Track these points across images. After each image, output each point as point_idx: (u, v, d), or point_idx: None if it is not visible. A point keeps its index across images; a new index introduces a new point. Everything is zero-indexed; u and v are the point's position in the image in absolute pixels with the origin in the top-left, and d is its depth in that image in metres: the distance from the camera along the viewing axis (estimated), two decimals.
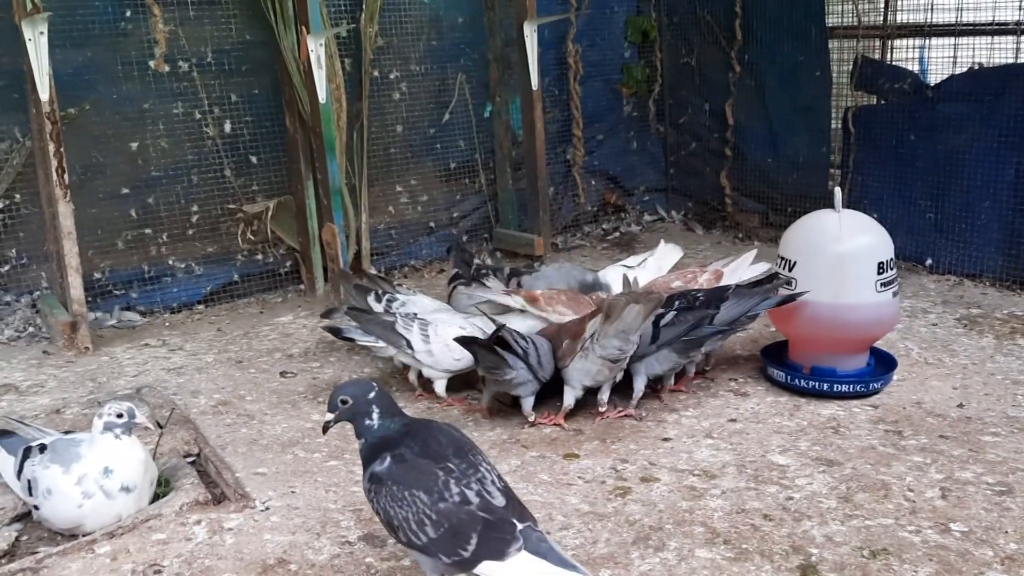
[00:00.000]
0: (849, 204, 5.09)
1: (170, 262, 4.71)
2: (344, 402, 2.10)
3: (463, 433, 2.15)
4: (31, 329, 4.33)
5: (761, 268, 3.98)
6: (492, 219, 5.69)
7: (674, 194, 6.40)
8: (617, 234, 6.10)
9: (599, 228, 6.14)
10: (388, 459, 2.02)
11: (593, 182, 6.15)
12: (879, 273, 3.23)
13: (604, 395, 3.26)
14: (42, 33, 3.76)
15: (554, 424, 3.20)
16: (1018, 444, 2.90)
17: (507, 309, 3.53)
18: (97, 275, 4.52)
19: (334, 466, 2.90)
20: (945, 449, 2.89)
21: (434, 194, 5.48)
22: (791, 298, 3.28)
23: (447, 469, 1.99)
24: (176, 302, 4.72)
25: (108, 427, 2.54)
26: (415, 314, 3.42)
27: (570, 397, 3.21)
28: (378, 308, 3.52)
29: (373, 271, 5.20)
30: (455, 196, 5.57)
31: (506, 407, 3.34)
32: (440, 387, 3.36)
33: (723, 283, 3.85)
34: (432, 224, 5.48)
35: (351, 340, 3.41)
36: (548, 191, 5.50)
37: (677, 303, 3.24)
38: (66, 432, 2.71)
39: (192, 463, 2.93)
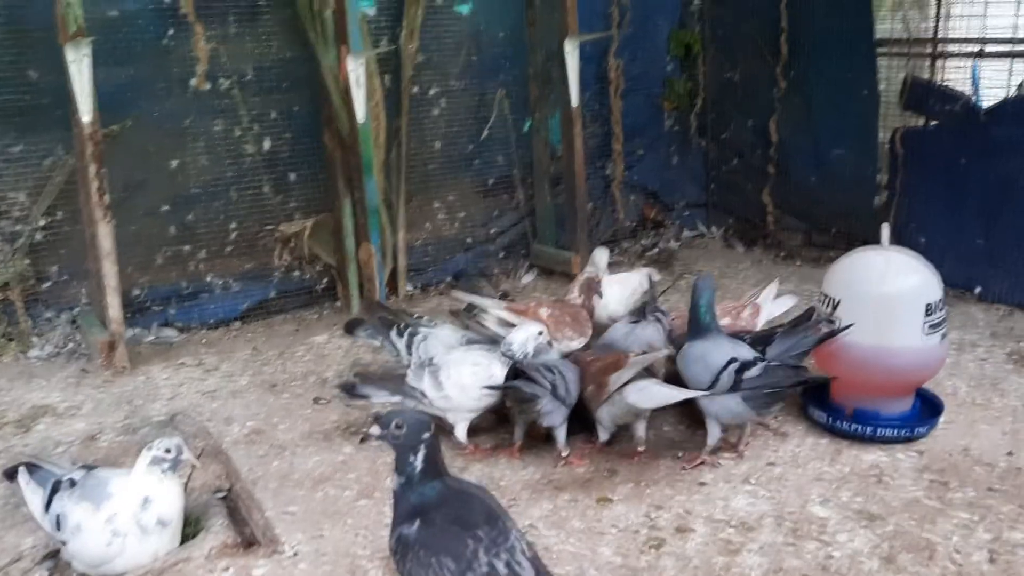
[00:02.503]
0: (896, 227, 4.97)
1: (208, 279, 4.73)
2: (399, 426, 2.04)
3: (495, 499, 2.11)
4: (71, 345, 4.38)
5: (787, 303, 3.92)
6: (530, 235, 5.64)
7: (715, 210, 6.30)
8: (656, 250, 6.02)
9: (638, 244, 6.06)
10: (417, 522, 2.00)
11: (632, 197, 6.07)
12: (927, 315, 3.12)
13: (640, 432, 3.21)
14: (85, 55, 3.79)
15: (578, 464, 3.15)
16: None
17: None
18: (136, 291, 4.56)
19: (364, 506, 2.88)
20: (993, 505, 2.78)
21: (472, 210, 5.44)
22: (832, 334, 3.18)
23: (476, 538, 1.95)
24: (213, 319, 4.75)
25: (156, 461, 2.54)
26: (426, 360, 3.27)
27: (604, 434, 3.19)
28: (400, 343, 3.46)
29: (409, 288, 5.22)
30: (493, 212, 5.53)
31: (538, 442, 3.29)
32: (461, 431, 3.22)
33: (761, 317, 3.80)
34: (469, 240, 5.44)
35: (366, 398, 3.24)
36: (587, 208, 5.44)
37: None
38: (92, 468, 2.70)
39: (223, 498, 2.93)
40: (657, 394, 3.00)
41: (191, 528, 2.70)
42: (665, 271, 5.58)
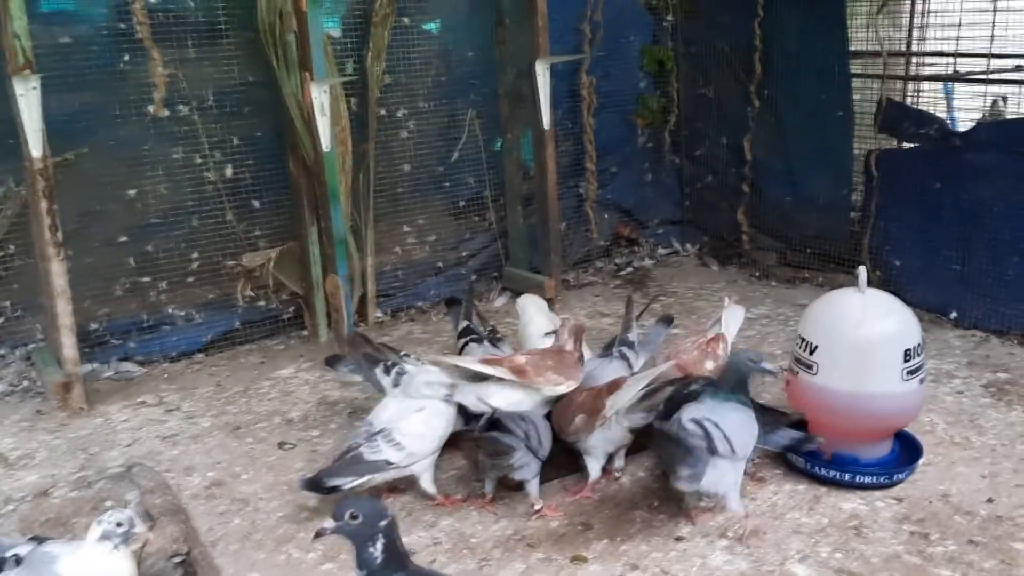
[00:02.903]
0: (871, 250, 4.95)
1: (169, 310, 4.58)
2: (354, 516, 1.96)
3: None
4: (25, 383, 4.22)
5: (739, 313, 3.93)
6: (502, 257, 5.54)
7: (689, 227, 6.23)
8: (630, 269, 5.94)
9: (611, 263, 5.97)
10: None
11: (606, 215, 5.98)
12: (905, 361, 3.05)
13: (620, 461, 3.26)
14: (34, 88, 3.63)
15: (583, 496, 3.13)
16: None
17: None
18: (94, 325, 4.40)
19: (328, 571, 2.76)
20: (975, 560, 2.72)
21: (442, 233, 5.33)
22: (800, 445, 3.12)
23: None
24: (175, 351, 4.60)
25: (106, 536, 2.42)
26: (373, 432, 3.09)
27: (595, 468, 3.14)
28: (387, 381, 3.32)
29: (379, 314, 5.10)
30: (464, 234, 5.42)
31: (510, 491, 3.20)
32: (427, 481, 3.12)
33: (729, 345, 3.73)
34: (440, 264, 5.33)
35: (336, 490, 3.00)
36: (560, 230, 5.35)
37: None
38: (41, 540, 2.56)
39: (181, 563, 2.80)
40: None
41: None
42: (640, 290, 5.52)
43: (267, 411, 3.95)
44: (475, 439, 3.03)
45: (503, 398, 3.22)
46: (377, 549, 1.94)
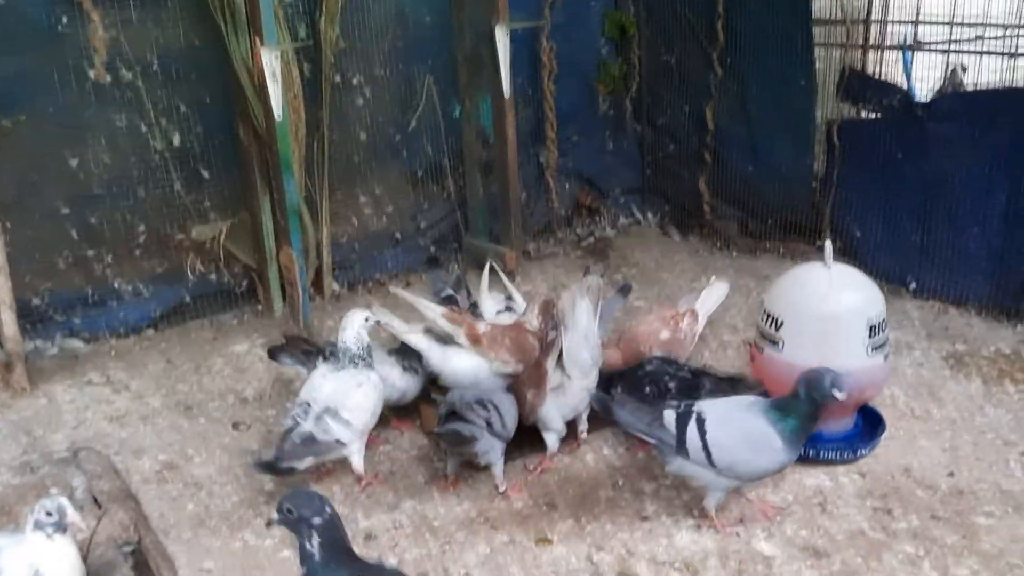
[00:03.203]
0: (832, 220, 4.94)
1: (116, 284, 4.40)
2: (289, 511, 1.93)
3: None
4: None
5: (723, 288, 3.87)
6: (461, 227, 5.42)
7: (651, 196, 6.15)
8: (592, 239, 5.87)
9: (573, 233, 5.89)
10: None
11: (567, 184, 5.88)
12: (870, 336, 3.04)
13: (583, 424, 3.21)
14: None
15: (544, 467, 3.09)
16: (1013, 529, 2.75)
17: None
18: (36, 300, 4.21)
19: (286, 559, 2.68)
20: (937, 536, 2.73)
21: (400, 203, 5.19)
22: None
23: None
24: (123, 326, 4.42)
25: (39, 525, 2.32)
26: (316, 412, 2.97)
27: (553, 441, 3.09)
28: None
29: (336, 287, 4.97)
30: (422, 204, 5.28)
31: (473, 470, 3.13)
32: (358, 461, 3.03)
33: (700, 323, 3.70)
34: (398, 235, 5.19)
35: (292, 472, 2.95)
36: (520, 200, 5.24)
37: (648, 389, 3.05)
38: None
39: (131, 552, 2.69)
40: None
41: None
42: (601, 261, 5.46)
43: (220, 389, 3.83)
44: (436, 434, 2.94)
45: (459, 361, 3.17)
46: (314, 545, 1.89)
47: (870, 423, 3.32)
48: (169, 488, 3.07)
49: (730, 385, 3.12)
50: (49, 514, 2.32)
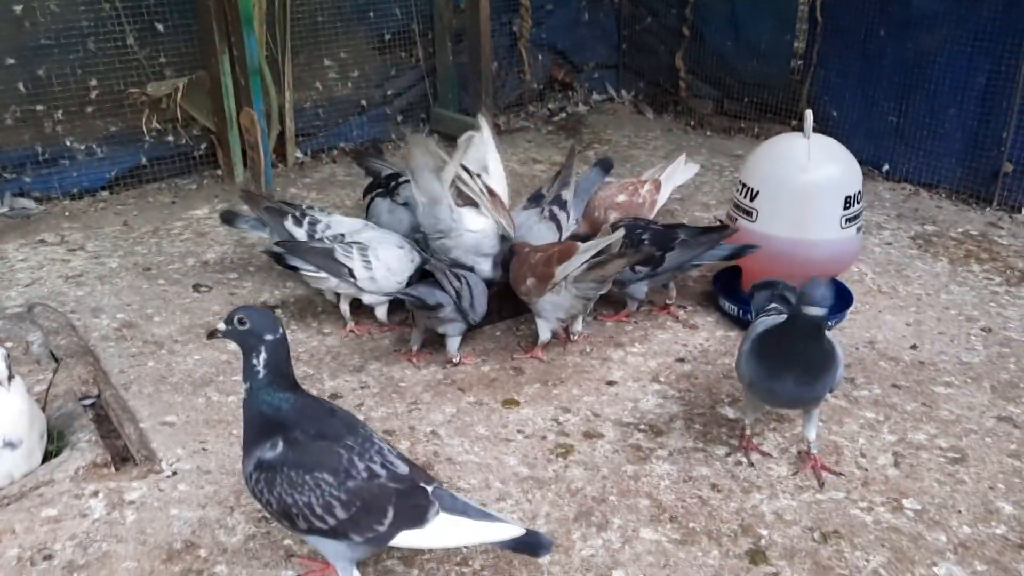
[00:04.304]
0: (809, 100, 4.85)
1: (68, 143, 4.21)
2: (241, 322, 1.89)
3: (348, 411, 2.01)
4: None
5: (693, 169, 3.79)
6: (430, 98, 5.25)
7: (625, 72, 6.00)
8: (564, 115, 5.73)
9: (544, 108, 5.75)
10: (280, 444, 1.85)
11: (540, 56, 5.70)
12: (845, 208, 3.00)
13: (577, 326, 3.12)
14: None
15: (532, 357, 3.00)
16: (970, 398, 2.80)
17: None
18: None
19: None
20: (898, 403, 2.77)
21: (366, 69, 4.99)
22: (740, 252, 3.06)
23: (347, 447, 1.86)
24: (76, 187, 4.27)
25: None
26: (347, 237, 3.08)
27: (545, 330, 3.00)
28: (300, 232, 3.16)
29: (299, 155, 4.82)
30: (389, 71, 5.09)
31: (439, 340, 3.09)
32: (382, 312, 3.10)
33: (662, 193, 3.64)
34: (364, 103, 5.02)
35: (294, 269, 3.03)
36: (492, 71, 5.06)
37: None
38: None
39: (91, 405, 2.64)
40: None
41: (54, 445, 2.42)
42: (573, 137, 5.35)
43: (180, 252, 3.72)
44: (403, 293, 2.88)
45: (471, 221, 3.08)
46: (260, 362, 1.85)
47: (838, 298, 3.31)
48: (128, 346, 3.00)
49: (705, 235, 3.08)
50: None
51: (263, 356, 1.86)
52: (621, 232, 2.85)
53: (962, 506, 2.33)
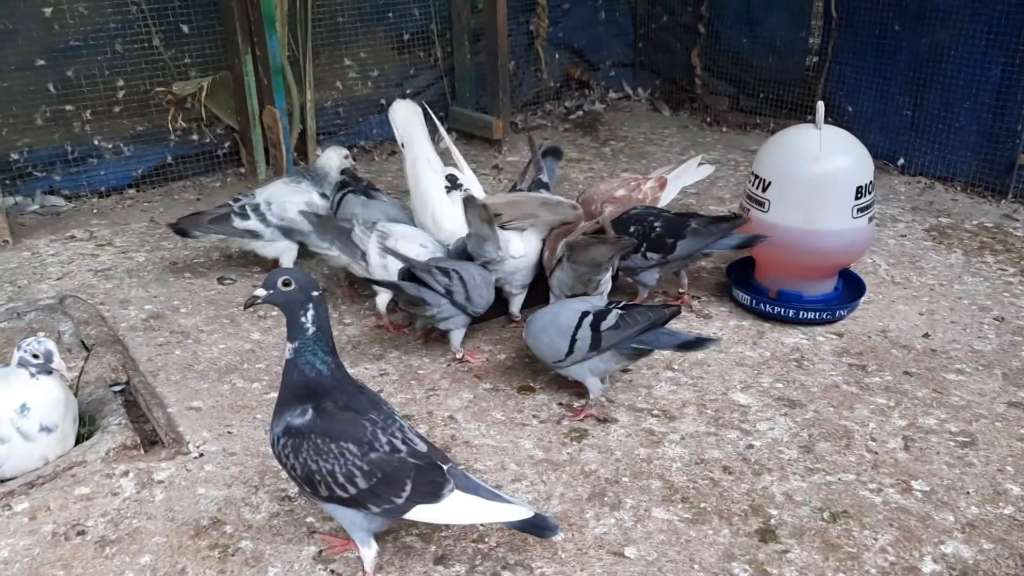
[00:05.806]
0: (824, 95, 4.88)
1: (96, 142, 4.33)
2: (286, 283, 1.96)
3: (374, 391, 2.09)
4: None
5: (707, 171, 3.79)
6: (448, 96, 5.33)
7: (642, 70, 6.05)
8: (580, 113, 5.79)
9: (561, 106, 5.81)
10: (310, 412, 1.94)
11: (557, 55, 5.77)
12: (857, 198, 3.04)
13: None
14: None
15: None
16: (982, 385, 2.83)
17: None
18: (14, 155, 4.15)
19: (274, 400, 2.71)
20: (909, 389, 2.81)
21: (386, 68, 5.08)
22: (750, 242, 3.10)
23: (372, 420, 1.94)
24: (104, 185, 4.38)
25: (23, 363, 2.34)
26: (375, 222, 3.10)
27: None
28: (251, 223, 3.44)
29: (319, 152, 4.89)
30: (408, 71, 5.17)
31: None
32: (382, 302, 3.12)
33: (667, 191, 3.66)
34: (383, 101, 5.09)
35: (190, 235, 3.39)
36: (509, 68, 5.13)
37: (633, 228, 3.07)
38: None
39: (120, 391, 2.73)
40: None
41: (86, 428, 2.51)
42: (590, 134, 5.41)
43: (204, 247, 3.81)
44: (387, 285, 2.91)
45: (515, 247, 3.07)
46: (308, 319, 1.93)
47: (851, 288, 3.36)
48: (156, 335, 3.09)
49: (716, 224, 3.12)
50: (36, 356, 2.34)
51: (311, 313, 1.93)
52: (609, 211, 2.95)
53: (971, 487, 2.36)
